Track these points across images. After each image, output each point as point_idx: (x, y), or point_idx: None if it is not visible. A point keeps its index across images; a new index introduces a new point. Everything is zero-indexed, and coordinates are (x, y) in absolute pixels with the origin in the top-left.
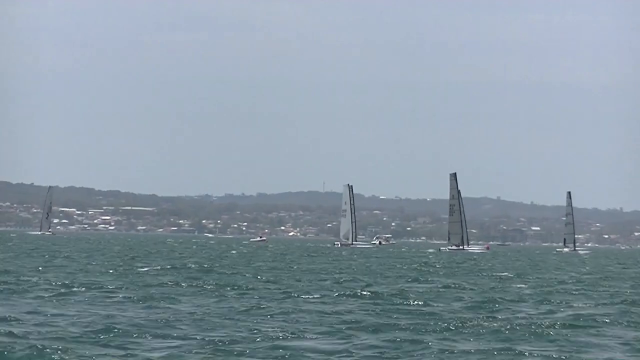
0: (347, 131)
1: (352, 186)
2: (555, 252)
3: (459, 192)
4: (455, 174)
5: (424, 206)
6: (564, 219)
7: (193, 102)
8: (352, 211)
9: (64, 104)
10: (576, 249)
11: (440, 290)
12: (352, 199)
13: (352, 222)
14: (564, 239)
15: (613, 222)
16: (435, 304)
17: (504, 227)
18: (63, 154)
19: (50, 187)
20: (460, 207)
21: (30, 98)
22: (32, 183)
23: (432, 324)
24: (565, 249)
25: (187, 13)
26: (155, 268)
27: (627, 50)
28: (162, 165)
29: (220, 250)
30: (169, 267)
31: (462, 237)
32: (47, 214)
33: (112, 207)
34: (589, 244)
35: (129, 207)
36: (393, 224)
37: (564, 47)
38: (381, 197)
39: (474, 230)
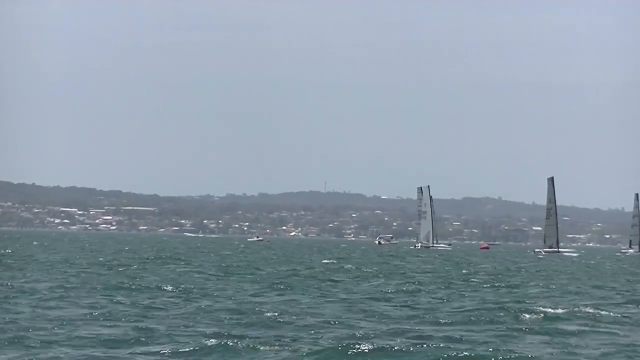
0: (348, 131)
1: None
2: (619, 253)
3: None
4: (552, 178)
5: None
6: (632, 220)
7: (194, 103)
8: (432, 212)
9: (65, 104)
10: None
11: None
12: (431, 200)
13: (432, 223)
14: (630, 241)
15: (615, 222)
16: None
17: (506, 227)
18: (64, 154)
19: None
20: (556, 211)
21: (31, 98)
22: (34, 183)
23: None
24: (630, 250)
25: (187, 14)
26: None
27: (627, 50)
28: (163, 165)
29: None
30: None
31: (557, 239)
32: None
33: (114, 207)
34: (591, 244)
35: (131, 207)
36: (395, 223)
37: (564, 47)
38: (383, 197)
39: (475, 230)
